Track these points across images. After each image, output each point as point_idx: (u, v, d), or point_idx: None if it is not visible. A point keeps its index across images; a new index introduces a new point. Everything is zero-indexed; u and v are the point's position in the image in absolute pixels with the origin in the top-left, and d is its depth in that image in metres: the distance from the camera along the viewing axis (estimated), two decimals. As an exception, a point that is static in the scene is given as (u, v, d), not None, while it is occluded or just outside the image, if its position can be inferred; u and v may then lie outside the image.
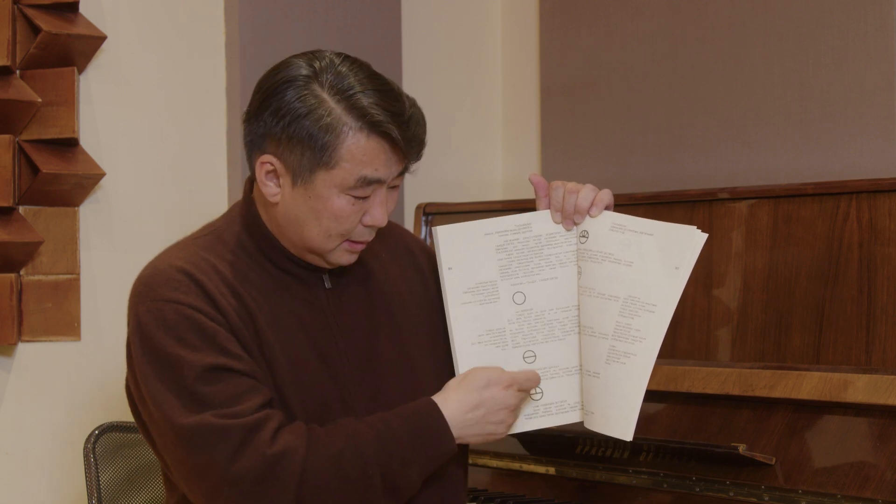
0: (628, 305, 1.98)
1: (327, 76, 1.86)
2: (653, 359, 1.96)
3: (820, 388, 2.24)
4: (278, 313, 1.92)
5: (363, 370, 1.96)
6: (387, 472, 1.85)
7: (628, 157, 3.17)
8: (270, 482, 1.79)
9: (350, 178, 1.86)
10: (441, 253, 2.01)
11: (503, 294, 2.02)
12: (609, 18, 3.23)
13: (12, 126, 2.82)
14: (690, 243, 1.98)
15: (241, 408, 1.81)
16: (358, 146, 1.85)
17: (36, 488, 2.91)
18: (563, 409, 2.04)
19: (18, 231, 2.81)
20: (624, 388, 1.97)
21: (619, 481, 2.41)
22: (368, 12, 3.27)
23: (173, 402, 1.82)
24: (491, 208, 3.03)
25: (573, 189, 2.02)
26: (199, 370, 1.81)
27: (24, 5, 2.82)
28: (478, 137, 3.59)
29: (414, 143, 1.88)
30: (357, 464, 1.83)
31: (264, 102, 1.88)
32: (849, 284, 2.34)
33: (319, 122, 1.84)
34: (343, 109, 1.84)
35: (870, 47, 2.70)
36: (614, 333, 1.98)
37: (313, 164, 1.85)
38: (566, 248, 2.04)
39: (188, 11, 3.07)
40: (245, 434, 1.80)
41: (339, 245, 1.92)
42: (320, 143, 1.84)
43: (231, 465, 1.79)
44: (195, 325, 1.84)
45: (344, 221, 1.89)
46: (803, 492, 2.17)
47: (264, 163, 1.89)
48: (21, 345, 2.87)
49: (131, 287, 1.93)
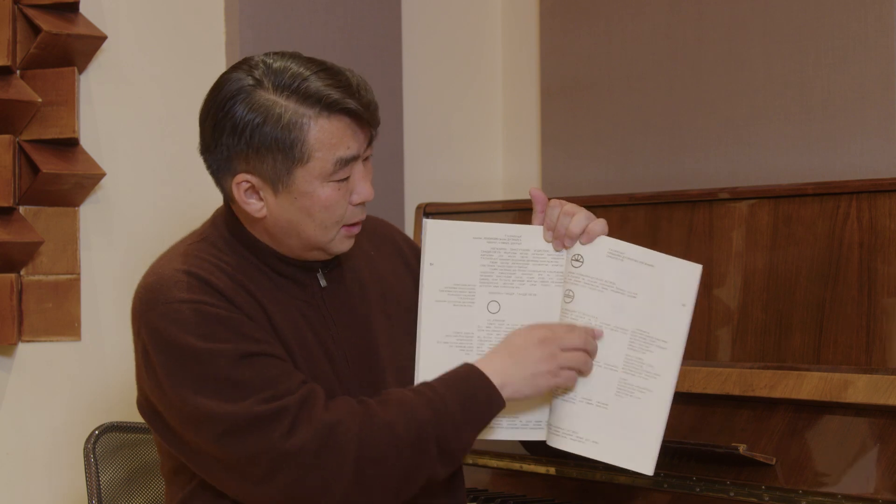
0: (638, 339, 1.99)
1: (267, 79, 1.86)
2: (670, 395, 1.99)
3: (820, 388, 2.24)
4: (285, 310, 1.92)
5: (361, 365, 1.97)
6: (441, 436, 1.85)
7: (628, 157, 3.17)
8: (329, 452, 1.80)
9: (328, 165, 1.86)
10: (426, 247, 2.02)
11: (479, 300, 2.02)
12: (609, 18, 3.23)
13: (12, 126, 2.82)
14: (690, 278, 2.00)
15: (285, 387, 1.81)
16: (324, 131, 1.85)
17: (36, 488, 2.91)
18: (515, 425, 2.02)
19: (18, 231, 2.81)
20: (642, 423, 1.98)
21: (619, 481, 2.41)
22: (368, 12, 3.27)
23: (212, 398, 1.80)
24: (491, 208, 3.03)
25: (569, 212, 2.01)
26: (233, 359, 1.81)
27: (24, 5, 2.82)
28: (478, 137, 3.59)
29: (371, 108, 1.89)
30: (412, 430, 1.83)
31: (217, 126, 1.87)
32: (849, 284, 2.34)
33: (279, 123, 1.84)
34: (296, 102, 1.84)
35: (870, 47, 2.70)
36: (625, 367, 1.99)
37: (289, 166, 1.86)
38: (552, 267, 2.03)
39: (188, 11, 3.07)
40: (297, 409, 1.80)
41: (338, 233, 1.92)
42: (288, 143, 1.84)
43: (287, 441, 1.79)
44: (216, 318, 1.83)
45: (336, 208, 1.89)
46: (803, 492, 2.17)
47: (240, 182, 1.89)
48: (21, 345, 2.87)
49: (133, 299, 1.91)
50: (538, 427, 2.03)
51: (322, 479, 1.80)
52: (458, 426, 1.87)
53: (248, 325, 1.85)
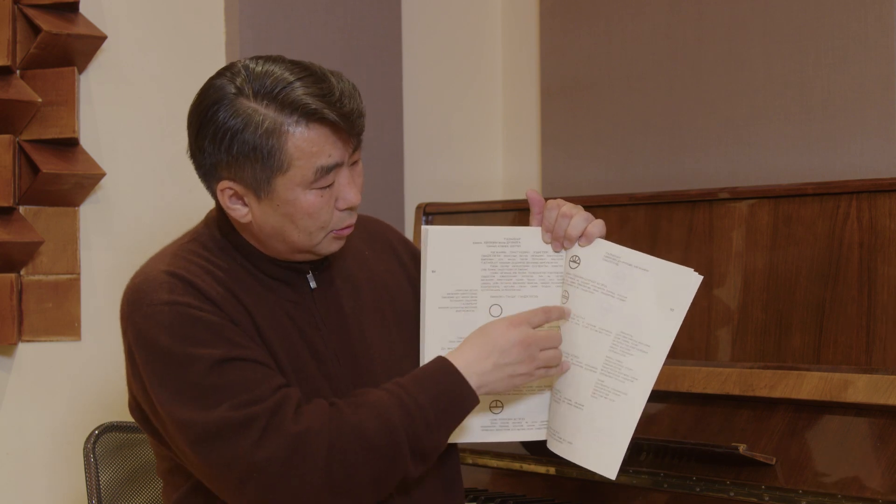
0: (620, 342, 1.97)
1: (249, 86, 1.84)
2: (644, 400, 1.96)
3: (820, 388, 2.24)
4: (271, 313, 1.92)
5: (353, 367, 1.96)
6: (413, 436, 1.84)
7: (628, 157, 3.17)
8: (299, 461, 1.79)
9: (308, 174, 1.85)
10: (427, 254, 2.01)
11: (481, 304, 2.02)
12: (609, 18, 3.23)
13: (12, 126, 2.82)
14: (687, 285, 1.96)
15: (258, 393, 1.80)
16: (303, 140, 1.83)
17: (36, 488, 2.91)
18: (520, 426, 2.03)
19: (18, 231, 2.81)
20: (612, 426, 1.96)
21: (619, 481, 2.40)
22: (368, 12, 3.27)
23: (187, 403, 1.80)
24: (491, 208, 3.02)
25: (567, 213, 2.01)
26: (209, 364, 1.80)
27: (24, 5, 2.82)
28: (478, 137, 3.59)
29: (353, 117, 1.86)
30: (383, 433, 1.82)
31: (200, 132, 1.87)
32: (849, 284, 2.34)
33: (258, 131, 1.83)
34: (275, 111, 1.83)
35: (870, 47, 2.70)
36: (603, 368, 1.97)
37: (268, 174, 1.84)
38: (552, 268, 2.03)
39: (188, 11, 3.07)
40: (268, 418, 1.79)
41: (325, 237, 1.91)
42: (266, 151, 1.83)
43: (257, 451, 1.78)
44: (198, 321, 1.83)
45: (319, 215, 1.88)
46: (803, 492, 2.17)
47: (223, 189, 1.89)
48: (21, 345, 2.87)
49: (121, 299, 1.91)
50: (543, 427, 2.04)
51: (292, 488, 1.79)
52: (430, 426, 1.85)
53: (229, 328, 1.84)
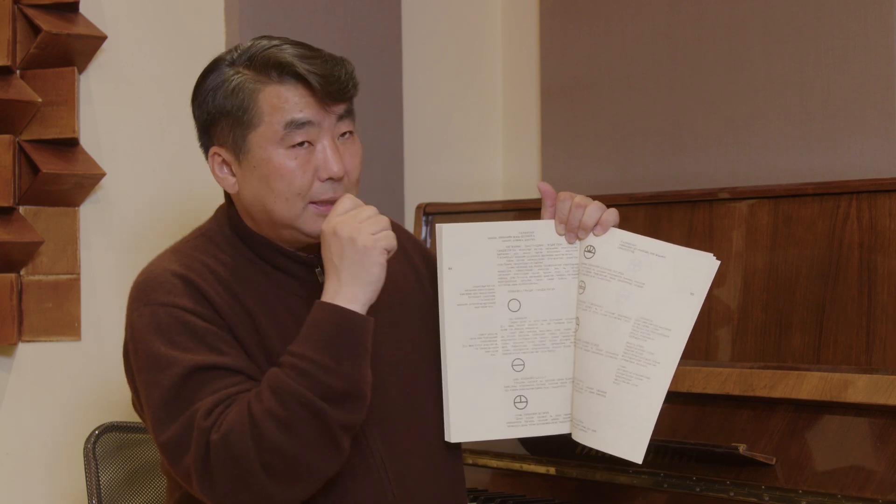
0: (640, 327, 1.97)
1: (240, 55, 1.90)
2: (667, 383, 1.96)
3: (820, 388, 2.24)
4: (275, 310, 1.92)
5: None
6: (319, 387, 1.78)
7: (628, 157, 3.17)
8: (233, 467, 1.77)
9: (278, 128, 1.86)
10: (443, 252, 2.01)
11: (499, 299, 2.02)
12: (609, 18, 3.23)
13: (12, 126, 2.82)
14: (705, 269, 1.97)
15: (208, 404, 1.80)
16: (273, 93, 1.86)
17: (36, 488, 2.91)
18: (545, 420, 2.04)
19: (18, 231, 2.81)
20: (636, 410, 1.97)
21: (620, 481, 2.41)
22: (368, 12, 3.27)
23: (158, 409, 1.81)
24: (491, 208, 3.03)
25: (580, 203, 2.02)
26: (187, 370, 1.80)
27: (24, 5, 2.82)
28: (478, 137, 3.59)
29: (332, 80, 1.86)
30: (290, 403, 1.77)
31: (194, 101, 1.94)
32: (849, 284, 2.34)
33: (230, 88, 1.87)
34: (253, 70, 1.87)
35: (870, 47, 2.70)
36: (625, 354, 1.97)
37: (243, 130, 1.87)
38: (567, 260, 2.03)
39: (188, 11, 3.07)
40: (199, 432, 1.78)
41: (305, 209, 1.89)
42: (237, 106, 1.87)
43: (199, 464, 1.78)
44: (187, 326, 1.84)
45: (293, 178, 1.87)
46: (803, 492, 2.17)
47: (213, 155, 1.92)
48: (21, 345, 2.87)
49: (129, 293, 1.93)
50: (567, 420, 2.05)
51: (246, 491, 1.78)
52: (331, 368, 1.78)
53: (214, 334, 1.84)
